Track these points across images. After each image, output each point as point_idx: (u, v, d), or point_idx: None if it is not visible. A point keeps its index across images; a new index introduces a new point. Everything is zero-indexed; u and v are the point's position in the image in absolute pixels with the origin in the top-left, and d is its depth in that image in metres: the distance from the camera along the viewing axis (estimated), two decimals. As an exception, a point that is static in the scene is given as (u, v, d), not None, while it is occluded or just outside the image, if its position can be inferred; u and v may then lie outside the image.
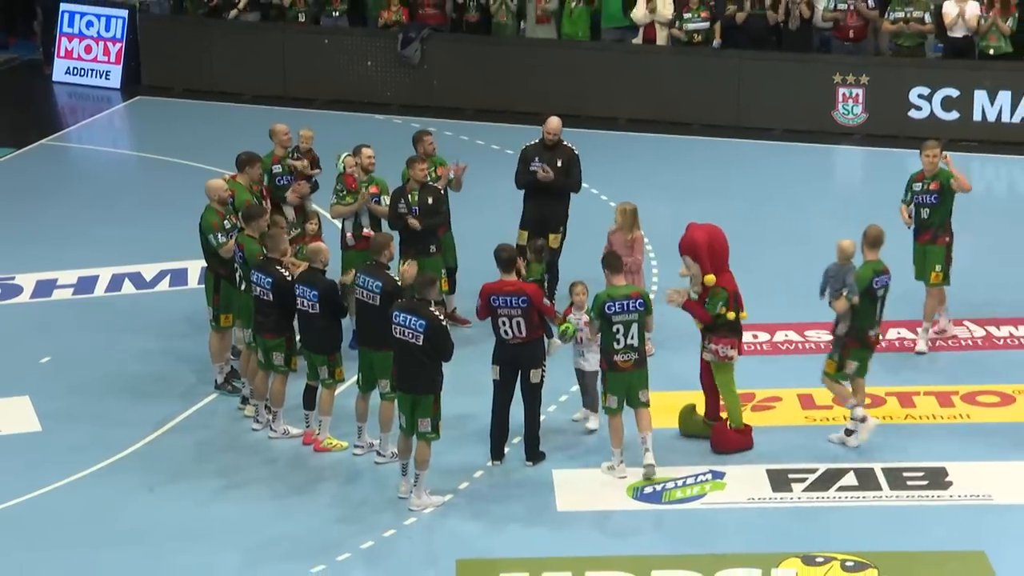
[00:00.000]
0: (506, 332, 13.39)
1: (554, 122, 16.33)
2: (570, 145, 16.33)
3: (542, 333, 13.51)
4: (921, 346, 15.56)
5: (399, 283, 13.50)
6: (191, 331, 16.05)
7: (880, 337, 14.10)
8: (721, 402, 13.88)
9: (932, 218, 15.37)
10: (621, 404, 13.32)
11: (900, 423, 14.32)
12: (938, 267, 15.37)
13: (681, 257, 13.85)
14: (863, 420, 13.70)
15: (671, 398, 14.27)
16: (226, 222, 14.62)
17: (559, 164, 16.14)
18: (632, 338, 13.17)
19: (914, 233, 15.50)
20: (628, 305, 13.18)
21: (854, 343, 13.80)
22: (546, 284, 14.08)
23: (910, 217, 15.49)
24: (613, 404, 13.33)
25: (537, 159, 16.14)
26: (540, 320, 13.43)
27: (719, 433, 13.80)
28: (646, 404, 13.35)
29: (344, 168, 15.74)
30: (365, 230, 15.48)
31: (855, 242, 13.92)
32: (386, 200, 15.61)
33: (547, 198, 16.15)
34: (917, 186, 15.49)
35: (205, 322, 15.12)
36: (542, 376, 13.54)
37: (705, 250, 13.62)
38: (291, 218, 15.77)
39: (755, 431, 14.05)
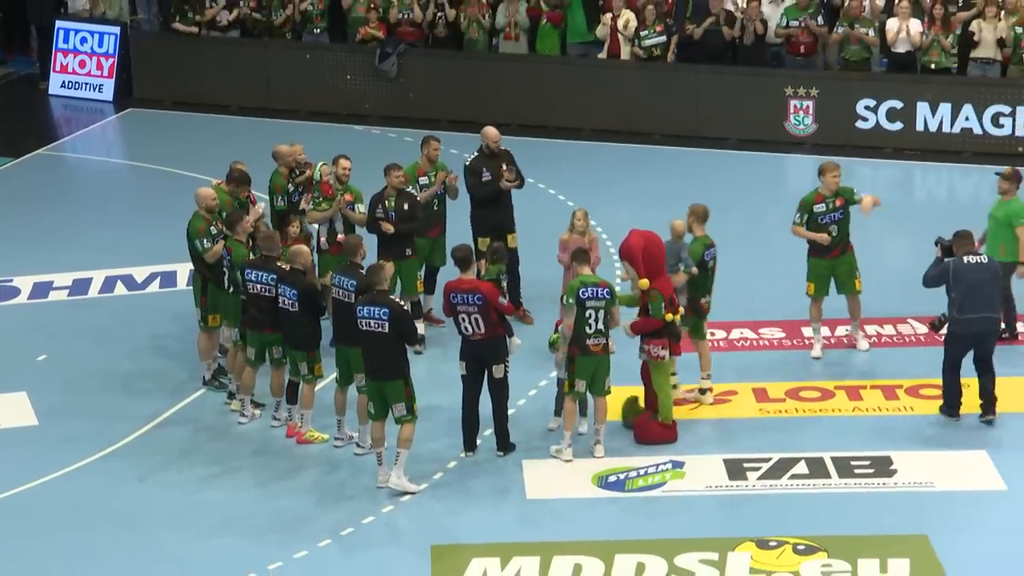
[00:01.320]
0: (466, 328, 13.40)
1: (494, 131, 16.35)
2: (504, 148, 16.37)
3: (503, 330, 13.49)
4: (864, 344, 15.59)
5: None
6: (180, 330, 16.00)
7: (710, 304, 14.53)
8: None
9: (840, 233, 15.32)
10: (587, 389, 13.33)
11: (848, 415, 14.36)
12: (858, 273, 15.38)
13: (621, 262, 14.00)
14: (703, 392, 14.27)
15: (628, 392, 14.29)
16: (212, 228, 14.61)
17: (504, 168, 16.20)
18: (601, 324, 13.23)
19: (821, 251, 15.29)
20: (598, 292, 13.26)
21: (689, 311, 14.20)
22: (505, 284, 14.01)
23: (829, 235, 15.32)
24: (581, 388, 13.36)
25: (485, 169, 16.13)
26: (500, 318, 13.41)
27: (641, 424, 13.80)
28: (607, 393, 13.38)
29: (320, 176, 15.73)
30: (340, 236, 15.48)
31: (684, 222, 14.42)
32: (360, 208, 15.63)
33: (501, 203, 16.19)
34: (820, 207, 15.24)
35: (194, 322, 15.07)
36: (505, 370, 13.52)
37: (640, 255, 13.67)
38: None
39: (712, 423, 14.10)
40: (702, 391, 14.53)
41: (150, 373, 15.42)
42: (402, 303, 13.04)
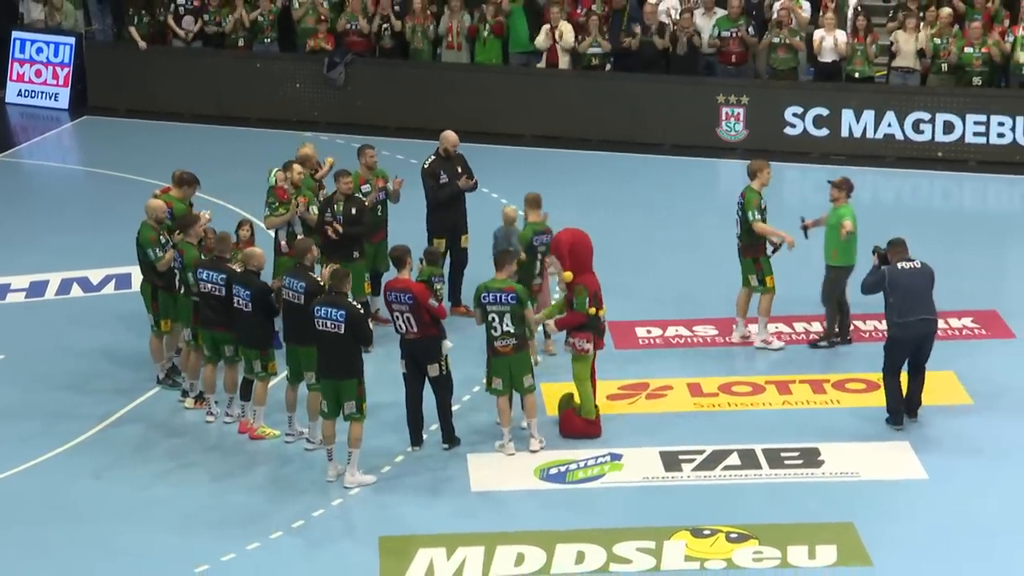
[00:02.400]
0: (400, 327, 13.37)
1: (453, 135, 16.35)
2: (458, 152, 16.37)
3: (435, 331, 13.43)
4: (776, 342, 15.59)
5: (322, 284, 13.45)
6: (135, 331, 15.84)
7: (540, 287, 14.69)
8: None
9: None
10: (507, 387, 13.32)
11: (778, 409, 14.42)
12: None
13: (550, 256, 14.09)
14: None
15: (573, 388, 14.29)
16: (161, 238, 14.54)
17: (459, 170, 16.18)
18: (507, 325, 13.20)
19: (763, 247, 15.30)
20: (501, 297, 13.21)
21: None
22: (441, 286, 13.94)
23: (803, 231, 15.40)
24: (499, 386, 13.34)
25: (443, 172, 16.12)
26: (432, 319, 13.36)
27: (566, 419, 13.80)
28: (530, 389, 13.36)
29: (275, 182, 15.65)
30: (299, 237, 15.40)
31: (516, 208, 14.59)
32: (313, 210, 15.56)
33: (457, 204, 16.18)
34: (763, 204, 15.29)
35: (148, 322, 14.94)
36: (441, 369, 13.46)
37: (565, 250, 13.68)
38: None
39: (649, 417, 14.12)
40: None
41: (105, 373, 15.27)
42: (359, 307, 12.96)
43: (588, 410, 13.78)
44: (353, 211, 15.48)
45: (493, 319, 13.22)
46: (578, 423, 13.76)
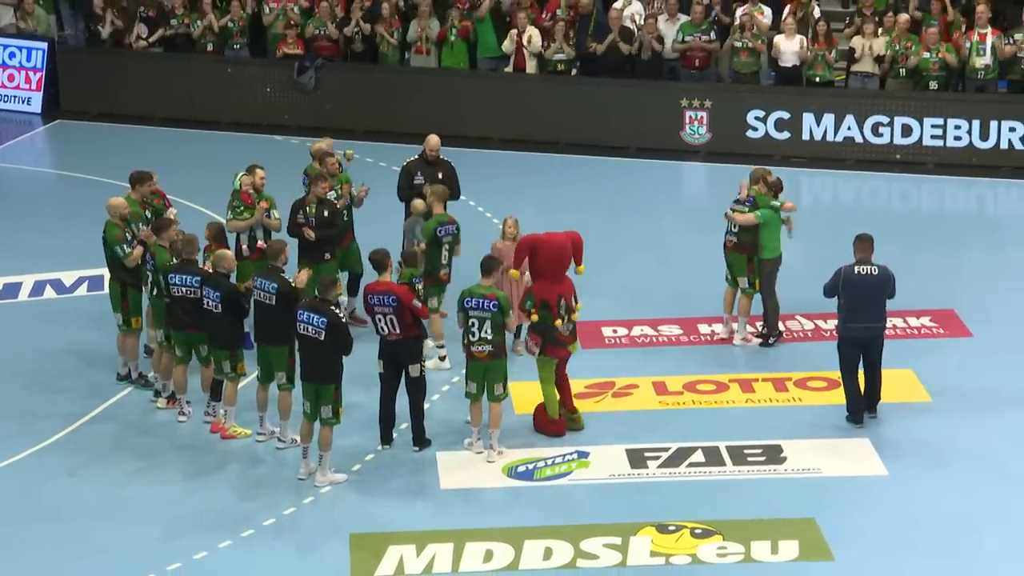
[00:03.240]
0: (382, 329, 13.33)
1: (435, 140, 16.33)
2: (446, 159, 16.34)
3: (418, 332, 13.42)
4: (755, 340, 15.68)
5: (294, 285, 13.44)
6: (108, 332, 15.73)
7: (449, 276, 14.89)
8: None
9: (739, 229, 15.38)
10: (479, 391, 13.31)
11: (742, 406, 14.46)
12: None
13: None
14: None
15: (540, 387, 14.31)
16: (127, 235, 14.49)
17: (440, 177, 16.14)
18: (486, 332, 13.16)
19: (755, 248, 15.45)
20: (483, 304, 13.18)
21: (430, 281, 14.55)
22: (420, 287, 13.95)
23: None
24: (472, 390, 13.33)
25: (419, 173, 16.10)
26: (414, 320, 13.35)
27: (538, 414, 13.83)
28: (499, 398, 13.33)
29: (240, 186, 15.59)
30: (259, 243, 15.37)
31: (423, 202, 14.80)
32: (275, 214, 15.54)
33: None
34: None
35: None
36: (421, 370, 13.46)
37: (524, 249, 13.75)
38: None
39: (615, 415, 14.14)
40: (441, 358, 14.83)
41: (78, 373, 15.20)
42: (342, 315, 12.92)
43: (551, 410, 13.78)
44: (325, 213, 15.46)
45: (473, 324, 13.19)
46: (542, 420, 13.81)
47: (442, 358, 14.92)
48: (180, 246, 14.05)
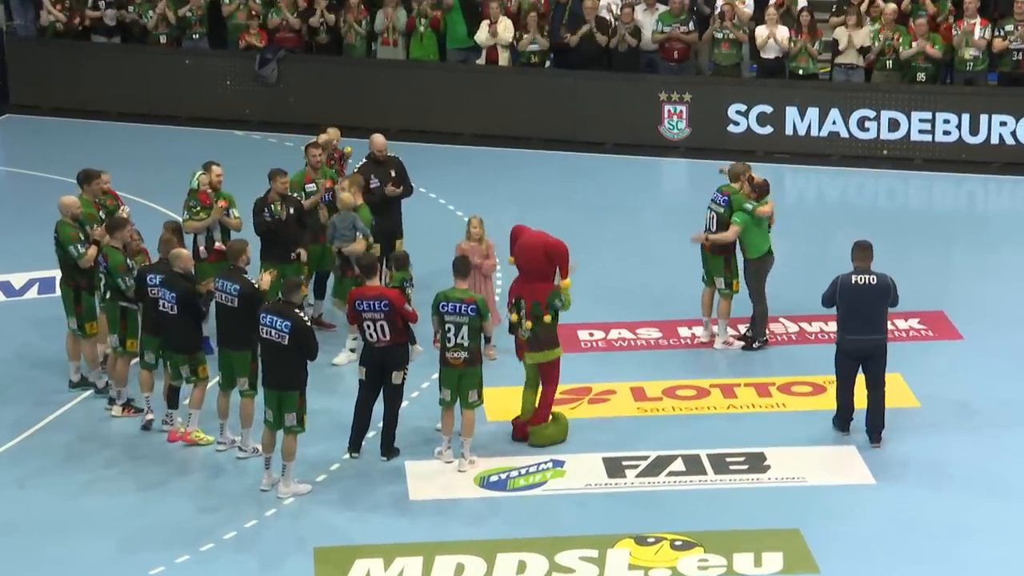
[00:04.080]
0: (371, 335, 13.29)
1: (381, 139, 16.42)
2: (394, 155, 16.34)
3: (406, 338, 13.41)
4: (738, 344, 15.70)
5: (257, 286, 13.39)
6: (60, 336, 15.63)
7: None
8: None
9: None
10: (453, 398, 13.30)
11: (723, 412, 14.47)
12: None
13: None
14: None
15: (514, 393, 14.29)
16: (80, 235, 14.43)
17: (393, 175, 16.16)
18: (462, 338, 13.14)
19: (734, 248, 15.40)
20: (460, 308, 13.16)
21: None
22: (411, 291, 13.93)
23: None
24: (446, 397, 13.31)
25: (373, 176, 16.08)
26: (404, 325, 13.33)
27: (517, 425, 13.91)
28: (473, 405, 13.31)
29: (197, 185, 15.54)
30: (217, 244, 15.32)
31: (351, 195, 15.02)
32: (235, 213, 15.49)
33: (388, 209, 16.15)
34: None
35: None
36: (404, 378, 13.44)
37: (511, 239, 13.85)
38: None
39: (591, 422, 14.14)
40: (351, 349, 15.02)
41: (28, 379, 15.11)
42: (306, 319, 12.87)
43: (523, 412, 13.81)
44: (291, 211, 15.42)
45: (449, 329, 13.17)
46: (519, 426, 13.82)
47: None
48: (145, 246, 13.93)
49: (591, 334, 16.01)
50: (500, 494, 13.07)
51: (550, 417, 13.80)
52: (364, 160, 16.26)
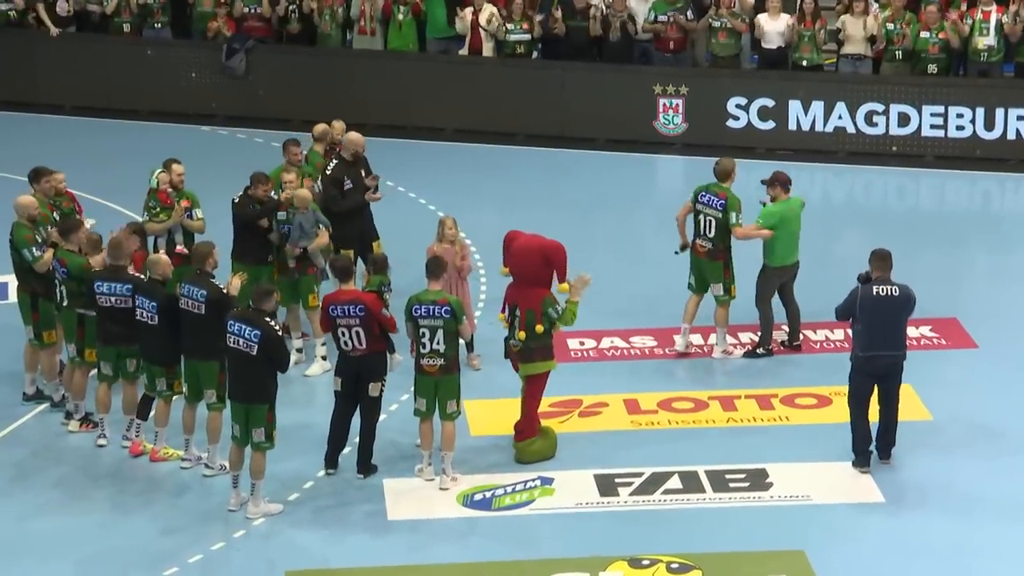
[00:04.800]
0: (346, 343, 13.28)
1: (360, 137, 16.30)
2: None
3: (384, 346, 13.39)
4: (738, 352, 15.70)
5: (225, 291, 13.36)
6: (13, 346, 15.62)
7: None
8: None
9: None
10: (430, 409, 13.29)
11: (722, 426, 14.49)
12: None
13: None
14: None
15: (499, 406, 14.29)
16: (37, 236, 14.41)
17: (363, 174, 16.15)
18: (438, 343, 13.14)
19: (729, 252, 15.46)
20: (434, 310, 13.16)
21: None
22: (388, 296, 13.95)
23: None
24: (422, 407, 13.30)
25: (347, 178, 16.05)
26: (381, 332, 13.32)
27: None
28: (452, 417, 13.31)
29: (157, 184, 15.52)
30: (178, 247, 15.30)
31: (307, 196, 15.20)
32: (198, 213, 15.49)
33: (362, 212, 16.14)
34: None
35: (25, 336, 14.76)
36: (381, 390, 13.43)
37: (505, 245, 13.90)
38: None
39: (582, 437, 14.15)
40: (323, 357, 15.15)
41: (-20, 392, 15.08)
42: (277, 327, 12.85)
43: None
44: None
45: (424, 334, 13.16)
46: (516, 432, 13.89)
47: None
48: (109, 250, 13.87)
49: (582, 343, 16.03)
50: (484, 513, 13.07)
51: (537, 431, 13.79)
52: (335, 161, 16.18)
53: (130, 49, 23.75)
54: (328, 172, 16.04)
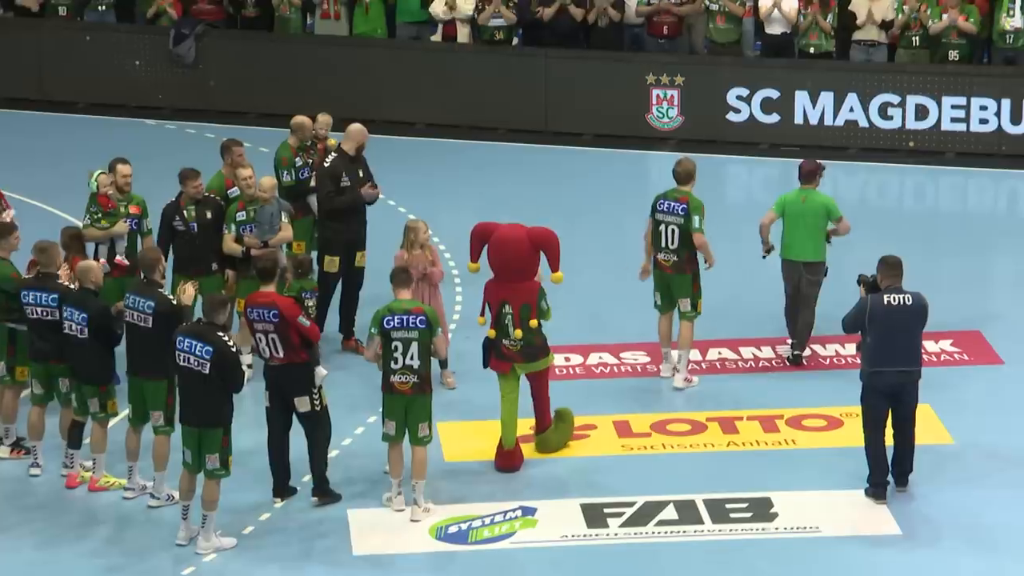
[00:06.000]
0: (263, 350, 13.37)
1: (364, 130, 16.28)
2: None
3: (306, 356, 13.40)
4: (696, 379, 15.68)
5: (175, 303, 13.38)
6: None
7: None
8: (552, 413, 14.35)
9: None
10: (400, 433, 13.32)
11: (722, 450, 14.54)
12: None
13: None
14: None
15: (475, 428, 14.31)
16: None
17: (360, 175, 16.16)
18: (412, 359, 13.19)
19: (696, 261, 15.48)
20: (408, 321, 13.21)
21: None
22: (312, 302, 13.99)
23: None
24: (390, 431, 13.33)
25: (345, 175, 16.06)
26: (302, 342, 13.33)
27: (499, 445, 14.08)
28: (423, 442, 13.34)
29: (97, 187, 15.51)
30: (118, 257, 15.30)
31: (273, 184, 15.61)
32: (147, 224, 15.54)
33: (356, 216, 16.13)
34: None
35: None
36: (314, 404, 13.43)
37: (475, 240, 14.08)
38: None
39: (568, 462, 14.19)
40: (248, 365, 15.07)
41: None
42: (231, 344, 12.86)
43: (504, 437, 13.94)
44: (209, 215, 15.47)
45: (396, 348, 13.20)
46: (498, 452, 13.95)
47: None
48: (35, 255, 13.89)
49: (567, 359, 16.07)
50: (460, 547, 13.10)
51: (551, 419, 14.05)
52: (334, 154, 16.21)
53: (67, 35, 23.78)
54: (327, 165, 16.03)
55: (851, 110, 21.96)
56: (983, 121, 21.70)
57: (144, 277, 13.64)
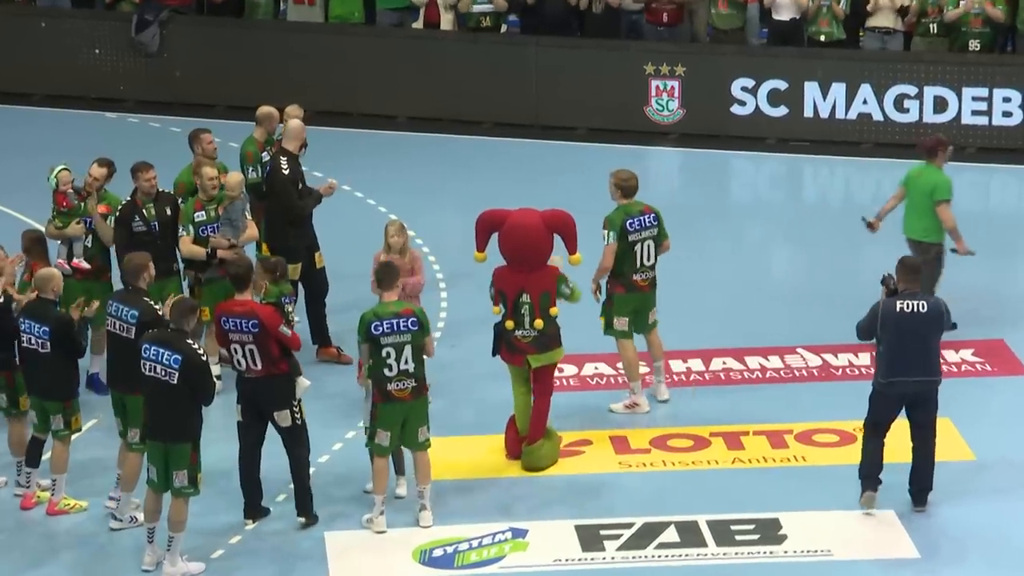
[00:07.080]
0: (239, 362, 13.37)
1: (302, 124, 16.32)
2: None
3: (286, 368, 13.45)
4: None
5: (161, 313, 13.36)
6: None
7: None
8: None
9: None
10: (394, 443, 13.37)
11: (727, 468, 14.58)
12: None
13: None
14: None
15: (460, 444, 14.36)
16: None
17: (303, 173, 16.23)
18: (407, 363, 13.24)
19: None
20: (398, 324, 13.25)
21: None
22: (292, 308, 14.04)
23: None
24: (384, 442, 13.34)
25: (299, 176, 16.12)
26: (282, 352, 13.37)
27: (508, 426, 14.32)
28: (426, 446, 13.41)
29: (57, 184, 15.50)
30: (75, 260, 15.30)
31: (240, 180, 15.67)
32: (111, 221, 15.52)
33: (310, 217, 16.18)
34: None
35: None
36: (294, 418, 13.47)
37: (483, 228, 14.29)
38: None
39: (561, 481, 14.23)
40: (218, 377, 14.99)
41: None
42: (202, 352, 12.87)
43: (519, 423, 14.21)
44: (168, 211, 15.50)
45: (388, 355, 13.24)
46: (509, 435, 14.24)
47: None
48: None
49: (561, 369, 16.09)
50: (446, 572, 13.13)
51: (544, 432, 14.21)
52: (284, 157, 16.01)
53: (21, 21, 23.78)
54: (285, 171, 15.91)
55: (864, 102, 22.01)
56: (1006, 114, 21.77)
57: (128, 285, 13.66)
